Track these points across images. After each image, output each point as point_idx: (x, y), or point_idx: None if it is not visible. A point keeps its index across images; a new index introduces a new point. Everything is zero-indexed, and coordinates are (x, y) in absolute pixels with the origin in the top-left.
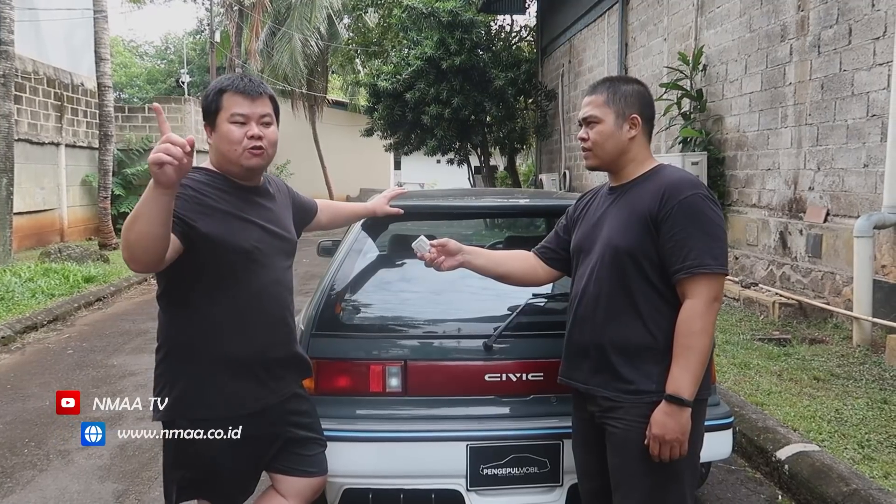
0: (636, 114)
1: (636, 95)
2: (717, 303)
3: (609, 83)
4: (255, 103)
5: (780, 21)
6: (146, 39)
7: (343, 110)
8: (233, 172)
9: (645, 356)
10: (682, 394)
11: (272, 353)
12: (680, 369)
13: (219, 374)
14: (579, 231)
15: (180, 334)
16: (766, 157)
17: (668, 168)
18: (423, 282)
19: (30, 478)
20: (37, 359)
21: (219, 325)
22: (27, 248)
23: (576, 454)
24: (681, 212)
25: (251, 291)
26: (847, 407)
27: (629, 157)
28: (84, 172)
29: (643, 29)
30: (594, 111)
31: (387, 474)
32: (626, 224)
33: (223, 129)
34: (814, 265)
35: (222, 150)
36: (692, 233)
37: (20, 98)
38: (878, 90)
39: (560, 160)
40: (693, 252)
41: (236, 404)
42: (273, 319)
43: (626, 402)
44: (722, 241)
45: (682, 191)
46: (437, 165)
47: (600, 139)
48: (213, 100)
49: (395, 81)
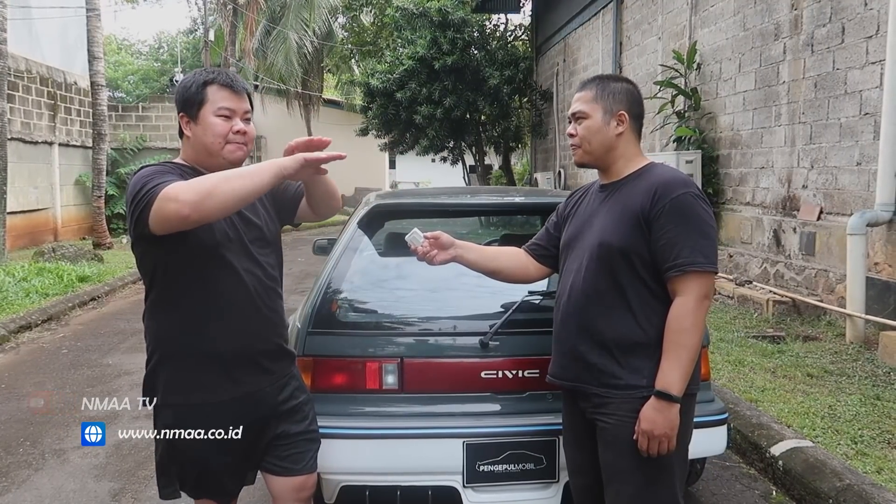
0: (624, 110)
1: (624, 93)
2: (707, 300)
3: (598, 80)
4: (240, 98)
5: (773, 20)
6: (139, 38)
7: (338, 109)
8: (211, 165)
9: (636, 351)
10: (671, 390)
11: (255, 341)
12: (669, 365)
13: (203, 363)
14: (569, 228)
15: (163, 332)
16: (760, 156)
17: (658, 166)
18: (419, 279)
19: (25, 477)
20: (31, 358)
21: (197, 317)
22: (21, 247)
23: (567, 451)
24: (672, 210)
25: (226, 281)
26: (840, 403)
27: (617, 153)
28: (78, 172)
29: (638, 28)
30: (582, 107)
31: (383, 471)
32: (618, 222)
33: (209, 121)
34: (807, 263)
35: (205, 143)
36: (683, 231)
37: (13, 97)
38: (871, 88)
39: (555, 159)
40: (684, 250)
41: (221, 390)
42: (252, 307)
43: (616, 397)
44: (712, 240)
45: (674, 189)
46: (432, 165)
47: (587, 134)
48: (196, 91)
49: (387, 80)
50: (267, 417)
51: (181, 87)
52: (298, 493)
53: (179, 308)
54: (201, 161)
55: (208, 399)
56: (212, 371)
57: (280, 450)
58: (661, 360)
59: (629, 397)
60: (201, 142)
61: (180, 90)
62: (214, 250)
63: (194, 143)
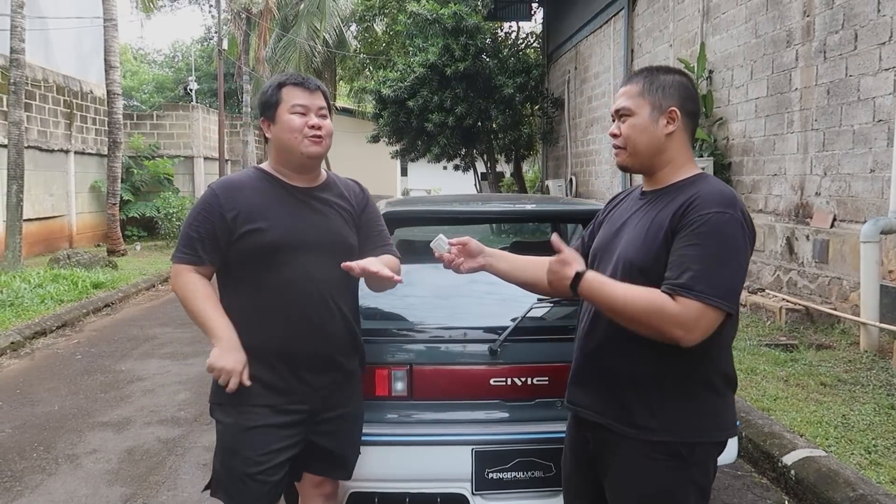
0: (675, 106)
1: (676, 86)
2: (690, 335)
3: (646, 72)
4: (313, 95)
5: (785, 27)
6: (154, 48)
7: (350, 117)
8: (293, 163)
9: (650, 390)
10: (584, 277)
11: (294, 347)
12: (612, 284)
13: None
14: (601, 235)
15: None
16: (773, 163)
17: (708, 178)
18: (429, 286)
19: (39, 481)
20: (46, 364)
21: (248, 314)
22: (36, 254)
23: (564, 468)
24: (699, 226)
25: (280, 283)
26: (854, 412)
27: (665, 157)
28: (93, 179)
29: (649, 35)
30: (627, 102)
31: (393, 478)
32: (644, 236)
33: (284, 118)
34: (820, 270)
35: (283, 140)
36: (701, 252)
37: (30, 105)
38: (884, 95)
39: (566, 166)
40: (689, 273)
41: (258, 394)
42: (298, 315)
43: (624, 433)
44: (733, 273)
45: (710, 205)
46: (443, 172)
47: (633, 134)
48: (272, 94)
49: (398, 88)
50: (307, 425)
51: (260, 96)
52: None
53: (235, 301)
54: (284, 159)
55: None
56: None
57: (313, 462)
58: (617, 284)
59: (637, 437)
60: (280, 140)
61: (259, 97)
62: (273, 249)
63: (275, 143)
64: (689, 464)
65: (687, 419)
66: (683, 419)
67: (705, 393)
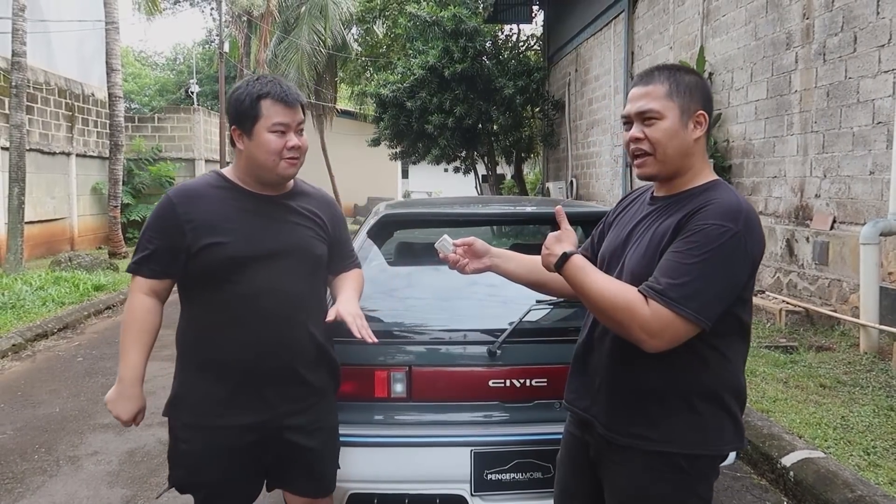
0: (702, 110)
1: (700, 88)
2: (653, 341)
3: (669, 71)
4: (293, 111)
5: (785, 29)
6: (156, 50)
7: (351, 119)
8: (264, 179)
9: (652, 399)
10: (572, 258)
11: (263, 361)
12: (596, 275)
13: (207, 378)
14: (609, 238)
15: (182, 335)
16: (773, 165)
17: (720, 188)
18: (428, 288)
19: (40, 483)
20: (47, 366)
21: (208, 328)
22: (38, 256)
23: (559, 470)
24: (695, 235)
25: (242, 296)
26: (853, 414)
27: (688, 163)
28: (94, 181)
29: (649, 38)
30: (653, 104)
31: (392, 479)
32: (647, 247)
33: (263, 138)
34: (820, 272)
35: (259, 159)
36: (686, 259)
37: (32, 108)
38: (884, 97)
39: (567, 168)
40: (669, 279)
41: (220, 414)
42: (268, 326)
43: (623, 444)
44: (716, 287)
45: (711, 217)
46: (444, 174)
47: (663, 139)
48: (250, 106)
49: (397, 90)
50: (272, 436)
51: (234, 101)
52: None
53: (198, 315)
54: (254, 175)
55: (208, 419)
56: (213, 382)
57: (292, 468)
58: (599, 273)
59: (636, 447)
60: (255, 158)
61: (233, 104)
62: (236, 261)
63: (247, 157)
64: (691, 475)
65: (690, 432)
66: (686, 432)
67: (712, 407)
